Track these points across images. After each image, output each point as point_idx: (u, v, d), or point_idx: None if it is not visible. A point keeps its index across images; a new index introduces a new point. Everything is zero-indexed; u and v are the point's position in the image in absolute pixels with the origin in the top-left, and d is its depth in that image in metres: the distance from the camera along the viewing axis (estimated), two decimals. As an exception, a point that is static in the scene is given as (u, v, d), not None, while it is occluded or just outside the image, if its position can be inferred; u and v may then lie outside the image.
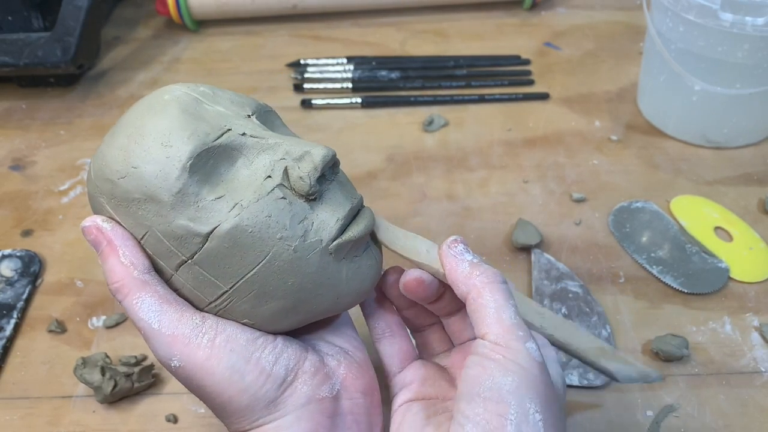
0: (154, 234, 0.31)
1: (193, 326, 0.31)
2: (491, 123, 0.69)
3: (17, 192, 0.64)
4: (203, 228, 0.30)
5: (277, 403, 0.32)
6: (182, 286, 0.32)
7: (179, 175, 0.30)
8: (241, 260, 0.31)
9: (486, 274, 0.32)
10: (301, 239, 0.31)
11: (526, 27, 0.82)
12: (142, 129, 0.31)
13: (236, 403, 0.31)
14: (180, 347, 0.31)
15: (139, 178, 0.30)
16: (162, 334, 0.31)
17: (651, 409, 0.45)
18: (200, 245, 0.30)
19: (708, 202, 0.59)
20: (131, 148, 0.31)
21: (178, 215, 0.30)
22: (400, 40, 0.81)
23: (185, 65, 0.79)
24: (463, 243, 0.34)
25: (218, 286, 0.31)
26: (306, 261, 0.31)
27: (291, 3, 0.81)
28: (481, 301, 0.31)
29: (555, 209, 0.59)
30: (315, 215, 0.32)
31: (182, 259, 0.31)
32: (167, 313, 0.31)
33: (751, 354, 0.48)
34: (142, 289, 0.31)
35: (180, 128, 0.31)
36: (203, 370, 0.31)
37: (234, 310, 0.32)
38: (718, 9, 0.55)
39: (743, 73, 0.58)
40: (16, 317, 0.52)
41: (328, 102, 0.71)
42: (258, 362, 0.32)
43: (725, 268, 0.53)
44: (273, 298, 0.32)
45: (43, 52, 0.69)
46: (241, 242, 0.30)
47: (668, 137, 0.66)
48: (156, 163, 0.30)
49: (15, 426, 0.46)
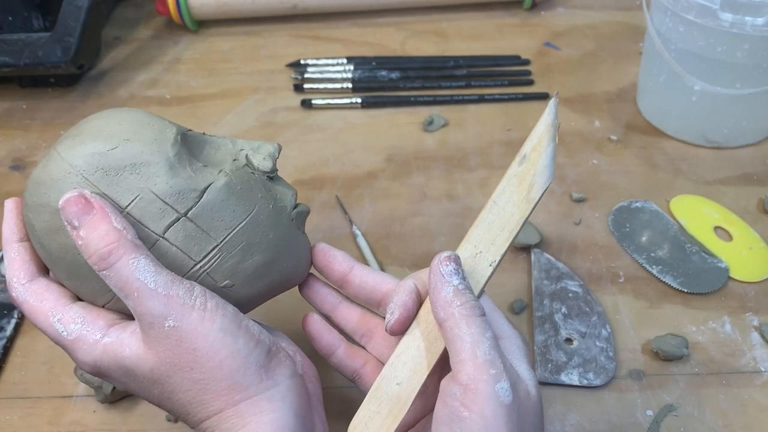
0: (147, 195, 0.33)
1: (186, 290, 0.32)
2: (491, 123, 0.69)
3: (17, 192, 0.64)
4: (200, 184, 0.35)
5: (268, 370, 0.33)
6: (165, 253, 0.34)
7: (173, 143, 0.35)
8: (233, 212, 0.35)
9: (466, 306, 0.32)
10: (274, 201, 0.37)
11: (526, 27, 0.82)
12: (119, 116, 0.35)
13: (228, 366, 0.32)
14: (176, 307, 0.31)
15: (134, 147, 0.34)
16: (158, 293, 0.31)
17: (651, 409, 0.45)
18: (197, 199, 0.34)
19: (708, 201, 0.59)
20: (115, 128, 0.34)
21: (175, 174, 0.34)
22: (400, 40, 0.81)
23: (185, 65, 0.79)
24: (455, 263, 0.34)
25: (210, 240, 0.35)
26: (280, 219, 0.37)
27: (291, 3, 0.81)
28: (457, 332, 0.32)
29: (555, 209, 0.59)
30: (276, 189, 0.38)
31: (177, 216, 0.34)
32: (162, 274, 0.32)
33: (750, 354, 0.48)
34: (137, 250, 0.32)
35: (157, 118, 0.36)
36: (197, 330, 0.31)
37: (219, 269, 0.35)
38: (717, 9, 0.55)
39: (743, 73, 0.58)
40: (16, 317, 0.52)
41: (328, 102, 0.71)
42: (247, 329, 0.33)
43: (725, 268, 0.53)
44: (257, 250, 0.36)
45: (43, 52, 0.69)
46: (234, 196, 0.35)
47: (668, 137, 0.66)
48: (149, 135, 0.35)
49: (15, 426, 0.47)
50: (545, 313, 0.50)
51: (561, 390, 0.46)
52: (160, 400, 0.34)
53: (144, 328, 0.32)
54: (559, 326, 0.49)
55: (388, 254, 0.56)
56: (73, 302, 0.35)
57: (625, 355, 0.48)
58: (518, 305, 0.51)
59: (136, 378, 0.33)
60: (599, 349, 0.48)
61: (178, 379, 0.32)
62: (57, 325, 0.34)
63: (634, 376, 0.47)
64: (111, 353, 0.33)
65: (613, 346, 0.48)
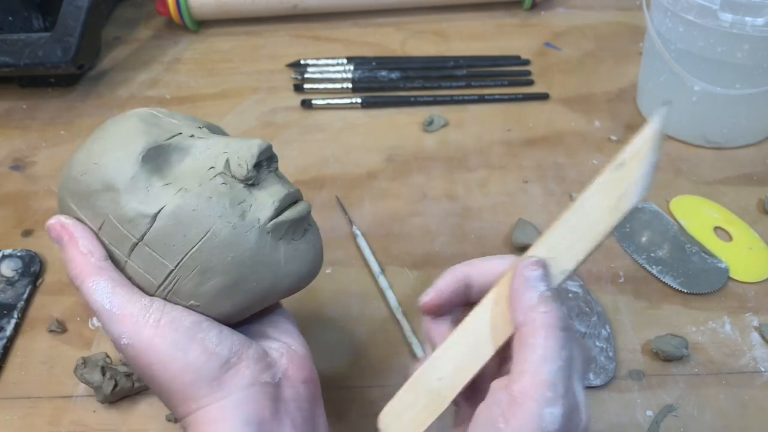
0: (110, 221, 0.34)
1: (142, 307, 0.33)
2: (491, 123, 0.69)
3: (18, 192, 0.64)
4: (151, 209, 0.34)
5: (221, 382, 0.33)
6: (134, 273, 0.35)
7: (133, 164, 0.34)
8: (184, 237, 0.34)
9: (551, 314, 0.30)
10: (239, 218, 0.34)
11: (526, 27, 0.82)
12: (106, 133, 0.36)
13: (179, 380, 0.33)
14: (128, 325, 0.33)
15: (99, 171, 0.34)
16: (113, 314, 0.33)
17: (651, 409, 0.45)
18: (149, 225, 0.34)
19: (708, 202, 0.59)
20: (94, 148, 0.35)
21: (130, 199, 0.34)
22: (400, 40, 0.81)
23: (185, 65, 0.79)
24: (543, 269, 0.31)
25: (165, 265, 0.34)
26: (244, 237, 0.34)
27: (291, 3, 0.81)
28: (531, 341, 0.29)
29: (555, 209, 0.59)
30: (253, 198, 0.35)
31: (134, 241, 0.34)
32: (118, 294, 0.34)
33: (750, 354, 0.48)
34: (97, 274, 0.34)
35: (137, 131, 0.35)
36: (149, 347, 0.33)
37: (181, 291, 0.34)
38: (717, 9, 0.55)
39: (743, 73, 0.58)
40: (16, 317, 0.52)
41: (328, 102, 0.71)
42: (202, 342, 0.33)
43: (725, 268, 0.53)
44: (215, 274, 0.34)
45: (43, 52, 0.69)
46: (184, 220, 0.34)
47: (668, 137, 0.66)
48: (114, 156, 0.34)
49: (15, 426, 0.47)
50: (545, 314, 0.50)
51: (561, 390, 0.46)
52: None
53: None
54: (559, 326, 0.49)
55: (388, 254, 0.56)
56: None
57: (624, 355, 0.48)
58: (518, 305, 0.51)
59: None
60: (599, 350, 0.48)
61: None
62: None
63: (634, 376, 0.47)
64: None
65: (613, 346, 0.48)
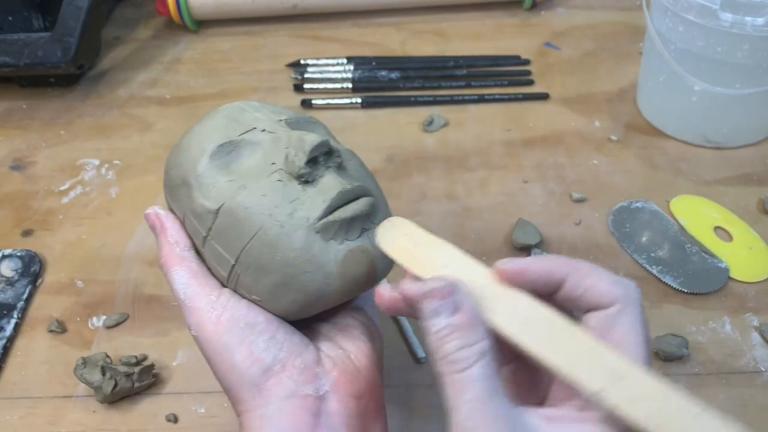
0: (188, 215, 0.36)
1: (208, 302, 0.35)
2: (491, 123, 0.69)
3: (17, 192, 0.64)
4: (214, 205, 0.35)
5: (261, 390, 0.33)
6: (210, 264, 0.37)
7: (203, 160, 0.36)
8: (239, 234, 0.34)
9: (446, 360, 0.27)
10: (288, 216, 0.34)
11: (526, 27, 0.82)
12: (192, 131, 0.38)
13: (228, 380, 0.34)
14: (196, 318, 0.35)
15: (179, 168, 0.37)
16: (186, 305, 0.35)
17: (651, 409, 0.45)
18: (212, 221, 0.35)
19: (708, 202, 0.59)
20: (181, 144, 0.38)
21: (198, 195, 0.35)
22: (400, 40, 0.81)
23: (185, 65, 0.79)
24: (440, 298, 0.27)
25: (228, 260, 0.35)
26: (291, 237, 0.34)
27: (291, 3, 0.81)
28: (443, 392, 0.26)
29: (555, 209, 0.59)
30: (306, 196, 0.35)
31: (203, 235, 0.36)
32: (192, 286, 0.35)
33: (751, 354, 0.48)
34: (178, 264, 0.36)
35: (215, 128, 0.37)
36: (208, 342, 0.34)
37: (243, 285, 0.35)
38: (717, 9, 0.55)
39: (743, 73, 0.58)
40: (16, 317, 0.52)
41: (328, 102, 0.71)
42: (250, 346, 0.34)
43: (725, 268, 0.53)
44: (267, 272, 0.34)
45: (43, 52, 0.69)
46: (239, 217, 0.34)
47: (668, 137, 0.66)
48: (193, 152, 0.36)
49: (15, 426, 0.47)
50: (545, 313, 0.50)
51: (561, 390, 0.46)
52: None
53: None
54: (559, 326, 0.49)
55: (388, 254, 0.56)
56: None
57: (625, 355, 0.48)
58: (518, 305, 0.51)
59: None
60: (599, 349, 0.48)
61: None
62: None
63: (634, 376, 0.47)
64: None
65: (613, 346, 0.48)
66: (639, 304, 0.28)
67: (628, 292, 0.28)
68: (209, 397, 0.47)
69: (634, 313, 0.28)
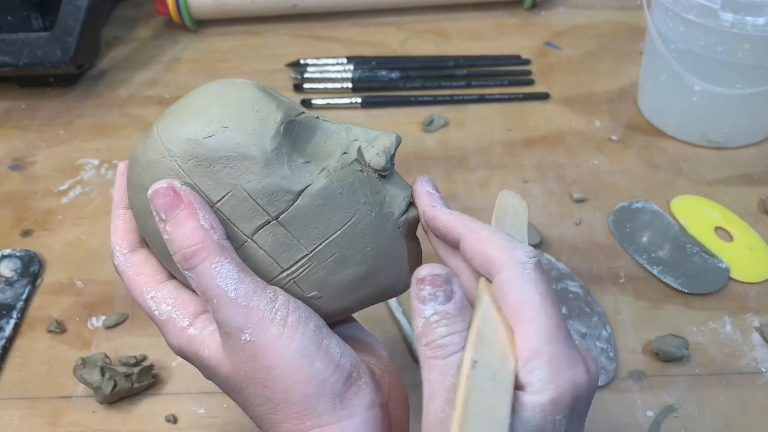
0: (239, 193, 0.31)
1: (268, 300, 0.30)
2: (491, 123, 0.68)
3: (17, 192, 0.64)
4: (296, 186, 0.31)
5: (344, 399, 0.30)
6: (253, 255, 0.31)
7: (274, 135, 0.31)
8: (328, 220, 0.32)
9: (431, 346, 0.27)
10: (379, 207, 0.33)
11: (526, 27, 0.82)
12: (226, 96, 0.32)
13: (301, 390, 0.29)
14: (254, 320, 0.29)
15: (231, 136, 0.31)
16: (237, 303, 0.29)
17: (651, 410, 0.45)
18: (291, 203, 0.31)
19: (708, 202, 0.59)
20: (216, 111, 0.31)
21: (271, 173, 0.31)
22: (400, 40, 0.81)
23: (185, 65, 0.78)
24: (432, 285, 0.28)
25: (300, 248, 0.32)
26: (383, 228, 0.33)
27: (291, 3, 0.81)
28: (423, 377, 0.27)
29: (555, 209, 0.59)
30: (386, 190, 0.34)
31: (267, 219, 0.31)
32: (244, 282, 0.30)
33: (751, 354, 0.48)
34: (221, 254, 0.30)
35: (265, 100, 0.32)
36: (273, 348, 0.29)
37: (307, 279, 0.32)
38: (718, 9, 0.55)
39: (744, 73, 0.58)
40: (15, 317, 0.52)
41: (328, 102, 0.71)
42: (327, 350, 0.30)
43: (725, 268, 0.53)
44: (351, 263, 0.32)
45: (42, 51, 0.69)
46: (331, 202, 0.31)
47: (668, 137, 0.66)
48: (250, 123, 0.31)
49: (15, 426, 0.46)
50: (545, 314, 0.50)
51: (561, 390, 0.46)
52: (239, 404, 0.32)
53: (222, 335, 0.30)
54: (560, 327, 0.49)
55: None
56: (168, 280, 0.33)
57: (625, 355, 0.48)
58: (518, 305, 0.51)
59: (216, 378, 0.32)
60: (600, 350, 0.48)
61: (252, 393, 0.30)
62: (150, 302, 0.32)
63: (634, 376, 0.47)
64: (193, 347, 0.32)
65: (614, 346, 0.48)
66: (531, 267, 0.28)
67: (516, 257, 0.28)
68: (209, 398, 0.47)
69: (522, 276, 0.28)
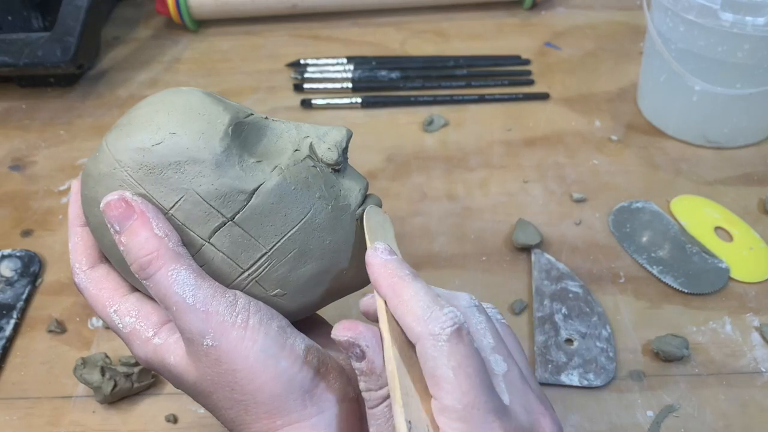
0: (192, 197, 0.31)
1: (227, 304, 0.30)
2: (491, 123, 0.69)
3: (17, 192, 0.64)
4: (249, 185, 0.31)
5: (313, 396, 0.30)
6: (211, 258, 0.32)
7: (222, 137, 0.31)
8: (285, 217, 0.32)
9: None
10: (335, 201, 0.33)
11: (526, 27, 0.82)
12: (172, 104, 0.32)
13: (269, 390, 0.29)
14: (214, 324, 0.29)
15: (179, 141, 0.31)
16: (196, 309, 0.29)
17: (651, 410, 0.45)
18: (245, 202, 0.31)
19: (708, 202, 0.59)
20: (163, 119, 0.31)
21: (222, 174, 0.31)
22: (400, 40, 0.81)
23: (185, 65, 0.79)
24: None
25: (258, 247, 0.32)
26: (341, 221, 0.33)
27: (291, 3, 0.81)
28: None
29: (555, 209, 0.59)
30: (341, 184, 0.34)
31: (222, 220, 0.31)
32: (202, 288, 0.30)
33: (751, 354, 0.48)
34: (177, 261, 0.30)
35: (212, 103, 0.32)
36: (236, 350, 0.29)
37: (269, 277, 0.32)
38: (718, 9, 0.55)
39: (744, 73, 0.58)
40: (15, 317, 0.52)
41: (328, 102, 0.71)
42: (292, 349, 0.30)
43: (725, 268, 0.53)
44: (311, 258, 0.33)
45: (42, 51, 0.69)
46: (286, 198, 0.32)
47: (668, 137, 0.66)
48: (197, 127, 0.31)
49: (15, 426, 0.46)
50: (545, 314, 0.50)
51: (561, 391, 0.46)
52: (209, 410, 0.32)
53: (185, 342, 0.30)
54: (560, 327, 0.49)
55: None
56: (130, 293, 0.33)
57: (625, 355, 0.48)
58: (518, 305, 0.51)
59: (184, 385, 0.32)
60: (599, 350, 0.48)
61: (220, 397, 0.31)
62: (113, 316, 0.33)
63: (634, 376, 0.47)
64: (159, 356, 0.32)
65: (614, 346, 0.48)
66: (444, 338, 0.26)
67: (428, 328, 0.27)
68: (209, 398, 0.47)
69: (434, 349, 0.26)
